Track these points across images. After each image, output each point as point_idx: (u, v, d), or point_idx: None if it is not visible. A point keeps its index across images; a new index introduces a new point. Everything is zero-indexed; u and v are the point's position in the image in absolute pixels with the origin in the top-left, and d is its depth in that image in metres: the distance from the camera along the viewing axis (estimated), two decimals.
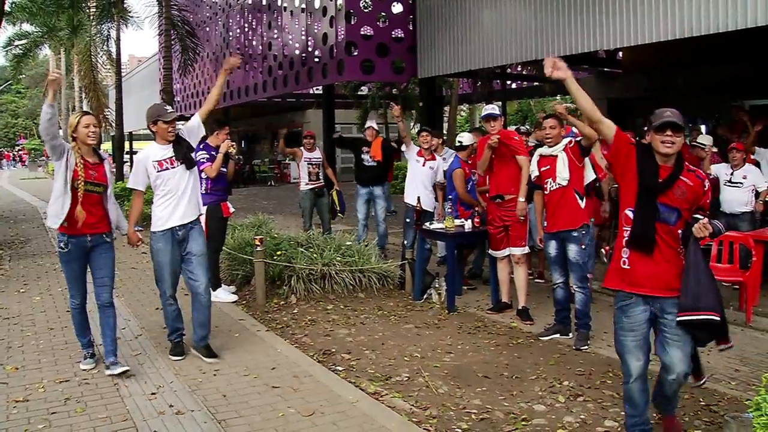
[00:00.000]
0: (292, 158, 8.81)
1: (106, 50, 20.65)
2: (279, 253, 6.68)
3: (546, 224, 5.24)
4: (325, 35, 11.78)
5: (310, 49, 13.07)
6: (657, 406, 3.41)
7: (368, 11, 11.65)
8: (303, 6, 13.29)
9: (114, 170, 4.31)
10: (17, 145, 55.39)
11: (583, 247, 5.04)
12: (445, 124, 23.02)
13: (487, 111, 5.81)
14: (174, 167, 4.58)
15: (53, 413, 3.81)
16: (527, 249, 5.86)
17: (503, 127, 5.94)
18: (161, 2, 15.28)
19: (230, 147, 6.35)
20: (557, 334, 5.26)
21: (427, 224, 6.53)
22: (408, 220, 7.07)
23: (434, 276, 6.53)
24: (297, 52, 13.67)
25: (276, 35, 14.76)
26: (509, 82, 19.34)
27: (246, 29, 16.82)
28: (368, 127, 8.46)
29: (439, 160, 7.23)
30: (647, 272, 3.08)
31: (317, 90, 19.77)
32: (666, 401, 3.34)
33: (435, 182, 7.14)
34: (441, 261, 7.54)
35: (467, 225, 6.21)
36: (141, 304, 6.38)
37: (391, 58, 11.35)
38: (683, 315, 2.97)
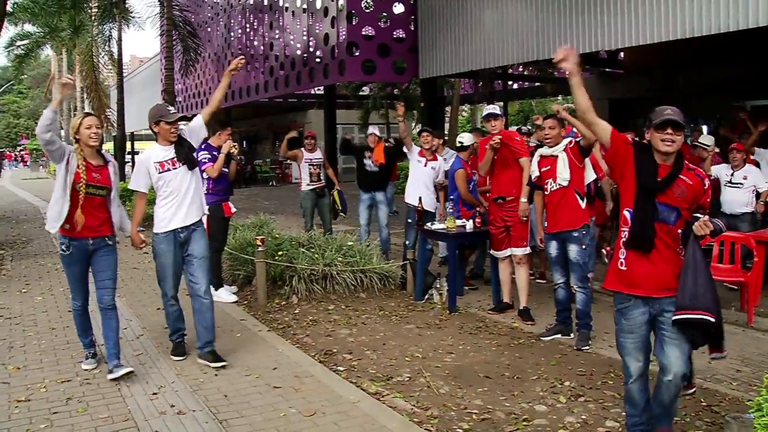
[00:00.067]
0: (293, 160, 8.82)
1: (108, 50, 20.74)
2: (280, 254, 6.68)
3: (546, 225, 5.24)
4: (327, 35, 11.80)
5: (312, 50, 13.09)
6: (653, 418, 3.16)
7: (369, 11, 11.67)
8: (304, 6, 13.30)
9: (118, 172, 4.25)
10: (19, 145, 55.52)
11: (584, 247, 5.04)
12: (447, 125, 23.00)
13: (488, 110, 5.83)
14: (176, 168, 4.56)
15: (55, 413, 3.82)
16: (529, 249, 5.86)
17: (504, 128, 5.94)
18: (163, 2, 15.31)
19: (232, 147, 6.37)
20: (558, 335, 5.26)
21: (429, 224, 6.54)
22: (410, 221, 7.07)
23: (436, 276, 6.54)
24: (298, 53, 13.68)
25: (277, 35, 14.78)
26: (511, 83, 19.34)
27: (247, 29, 16.85)
28: (371, 134, 8.46)
29: (441, 161, 7.24)
30: (645, 273, 3.05)
31: (319, 90, 19.77)
32: (663, 410, 3.13)
33: (436, 182, 7.15)
34: (442, 261, 7.54)
35: (468, 225, 6.21)
36: (143, 305, 6.39)
37: (393, 59, 11.35)
38: (679, 313, 2.93)
